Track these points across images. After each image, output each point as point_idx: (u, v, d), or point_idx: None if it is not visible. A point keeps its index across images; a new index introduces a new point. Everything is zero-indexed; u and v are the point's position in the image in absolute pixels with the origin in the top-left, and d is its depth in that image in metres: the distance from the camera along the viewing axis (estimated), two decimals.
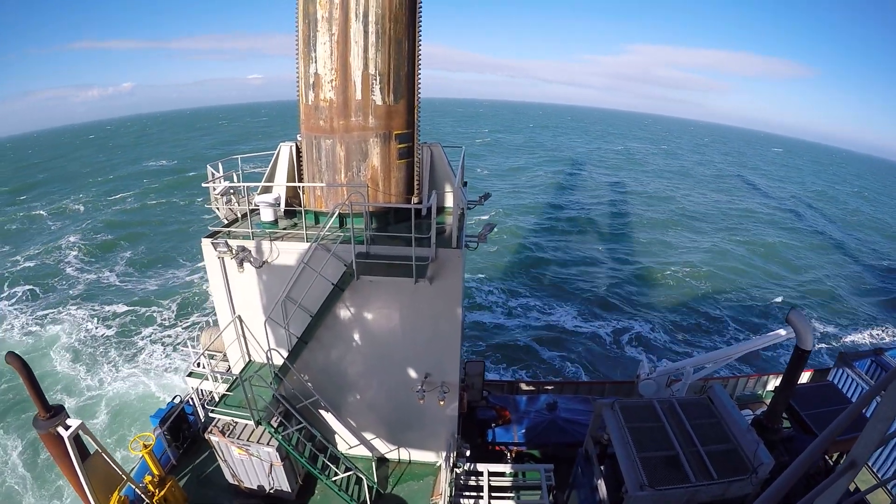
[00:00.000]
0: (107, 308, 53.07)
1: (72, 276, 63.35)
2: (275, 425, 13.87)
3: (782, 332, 18.98)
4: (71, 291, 57.82)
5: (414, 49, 13.84)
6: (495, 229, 14.58)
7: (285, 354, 13.91)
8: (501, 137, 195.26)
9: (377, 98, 13.44)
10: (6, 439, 34.85)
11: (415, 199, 14.89)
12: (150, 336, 47.06)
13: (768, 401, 20.96)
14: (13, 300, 57.58)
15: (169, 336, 46.30)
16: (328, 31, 12.87)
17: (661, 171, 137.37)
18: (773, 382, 23.85)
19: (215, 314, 15.93)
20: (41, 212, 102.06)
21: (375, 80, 13.27)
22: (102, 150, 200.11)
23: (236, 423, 15.08)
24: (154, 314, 50.99)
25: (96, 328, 49.79)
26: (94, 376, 41.94)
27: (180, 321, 48.61)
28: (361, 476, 15.60)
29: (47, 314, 52.86)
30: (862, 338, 46.48)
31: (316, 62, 13.32)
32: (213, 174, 14.92)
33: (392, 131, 13.91)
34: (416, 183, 15.04)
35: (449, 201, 15.89)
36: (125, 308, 52.64)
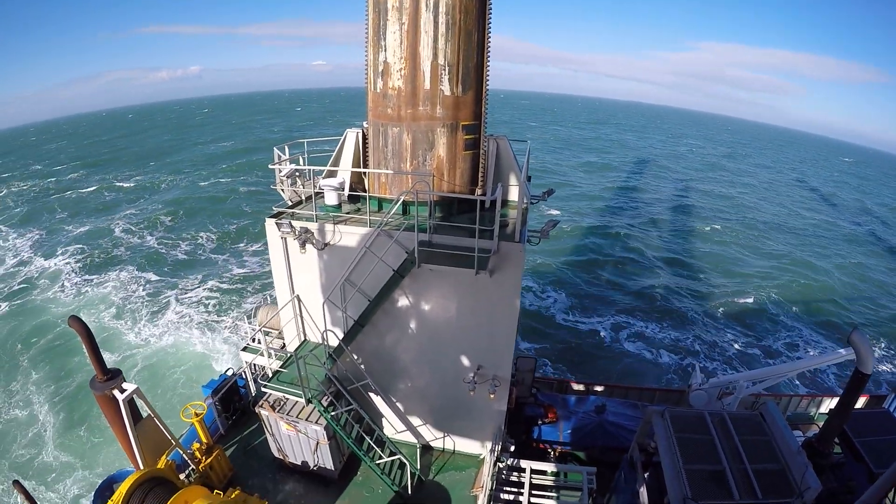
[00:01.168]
0: (164, 279, 55.81)
1: (132, 245, 67.00)
2: (325, 405, 14.09)
3: (842, 352, 18.14)
4: (127, 260, 61.23)
5: (483, 40, 13.70)
6: (557, 226, 14.36)
7: (340, 336, 14.11)
8: (563, 132, 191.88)
9: (445, 88, 13.38)
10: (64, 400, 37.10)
11: (478, 191, 14.80)
12: (204, 308, 48.92)
13: (821, 423, 20.17)
14: (76, 265, 61.68)
15: (223, 310, 47.96)
16: (398, 21, 12.87)
17: (728, 174, 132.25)
18: (828, 404, 22.86)
19: (273, 292, 16.29)
20: (108, 185, 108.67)
21: (444, 70, 13.20)
22: (170, 131, 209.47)
23: (287, 399, 15.43)
24: (213, 288, 52.99)
25: (149, 294, 52.61)
26: (145, 340, 44.30)
27: (237, 297, 50.23)
28: (405, 461, 15.73)
29: (103, 280, 56.19)
30: None
31: (385, 51, 13.34)
32: (279, 156, 15.20)
33: (459, 122, 13.84)
34: (480, 175, 14.96)
35: (512, 195, 15.77)
36: (184, 280, 55.18)
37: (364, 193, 14.50)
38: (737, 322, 47.05)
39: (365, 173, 15.08)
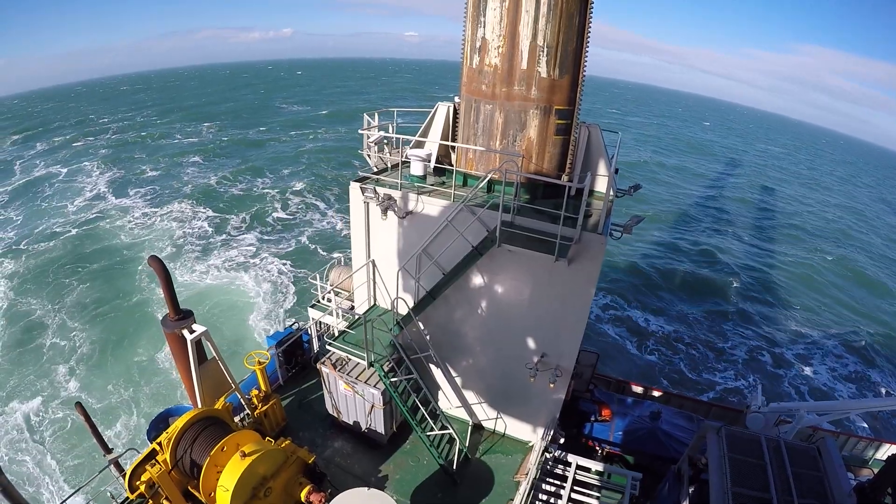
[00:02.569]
0: (224, 223, 60.74)
1: (207, 191, 72.27)
2: (385, 370, 14.29)
3: None
4: (198, 202, 67.05)
5: (584, 25, 13.27)
6: (642, 223, 14.02)
7: (410, 305, 14.23)
8: (652, 125, 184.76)
9: (542, 70, 13.12)
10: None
11: (564, 177, 14.53)
12: (272, 259, 51.15)
13: (876, 469, 19.16)
14: (145, 202, 69.98)
15: (292, 265, 50.15)
16: None
17: (826, 191, 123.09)
18: (887, 451, 21.58)
19: (344, 254, 16.55)
20: (192, 136, 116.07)
21: (542, 51, 12.93)
22: (259, 89, 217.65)
23: (349, 359, 15.74)
24: (284, 241, 55.73)
25: (219, 237, 56.71)
26: (199, 279, 46.73)
27: (308, 255, 52.35)
28: (454, 437, 15.82)
29: (174, 218, 61.71)
30: None
31: (484, 27, 13.19)
32: (368, 122, 15.31)
33: (553, 105, 13.56)
34: (568, 162, 14.66)
35: (599, 185, 15.41)
36: (258, 231, 58.74)
37: (450, 167, 14.44)
38: (811, 347, 44.95)
39: (453, 147, 15.02)
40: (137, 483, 12.35)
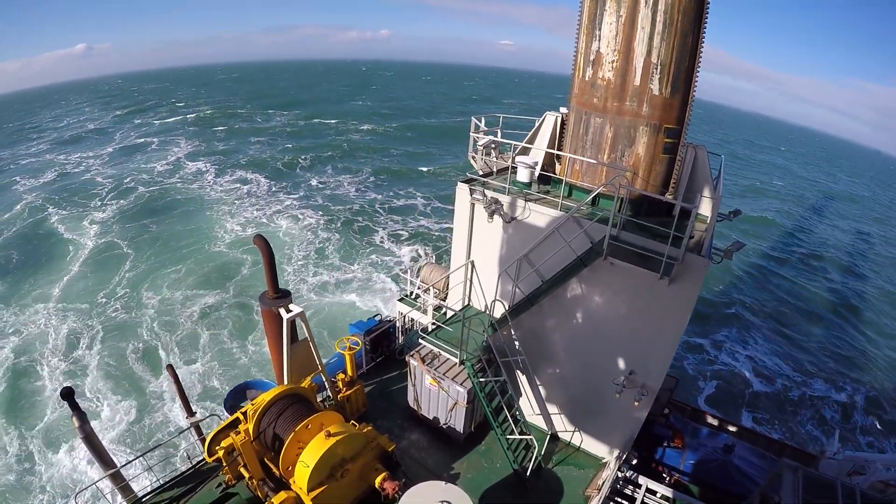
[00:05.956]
0: (334, 214, 63.36)
1: (284, 171, 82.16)
2: (476, 369, 14.58)
3: None
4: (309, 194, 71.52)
5: (697, 44, 13.18)
6: (743, 248, 13.83)
7: (506, 308, 14.48)
8: (749, 153, 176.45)
9: (654, 87, 13.14)
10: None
11: (668, 196, 14.49)
12: (366, 250, 53.79)
13: None
14: (216, 171, 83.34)
15: (384, 257, 52.15)
16: (616, 12, 12.81)
17: None
18: None
19: (435, 252, 16.93)
20: (279, 120, 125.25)
21: (656, 69, 12.96)
22: (358, 87, 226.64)
23: (438, 355, 16.11)
24: (380, 233, 58.31)
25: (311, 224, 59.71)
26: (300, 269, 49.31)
27: (400, 248, 54.22)
28: (531, 444, 15.95)
29: (282, 208, 65.88)
30: None
31: (599, 40, 13.33)
32: (476, 125, 15.67)
33: (663, 124, 13.55)
34: (672, 181, 14.60)
35: (702, 207, 15.26)
36: (346, 217, 62.48)
37: (554, 176, 14.62)
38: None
39: (558, 157, 15.19)
40: (217, 448, 13.10)
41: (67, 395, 13.48)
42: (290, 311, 15.10)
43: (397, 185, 75.86)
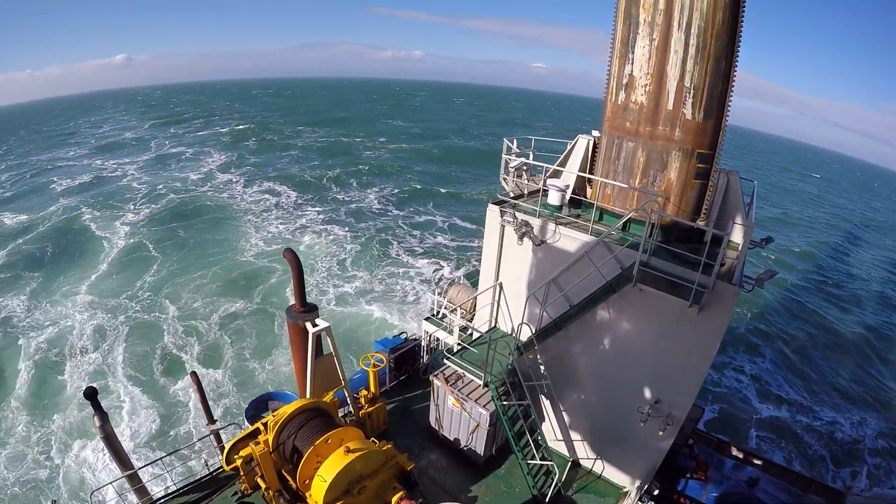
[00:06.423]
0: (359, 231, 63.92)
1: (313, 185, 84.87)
2: (500, 392, 14.45)
3: None
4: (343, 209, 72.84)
5: (730, 69, 13.02)
6: (775, 276, 13.60)
7: (532, 332, 14.36)
8: (778, 179, 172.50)
9: (687, 112, 13.00)
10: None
11: (700, 223, 14.28)
12: (393, 266, 53.94)
13: None
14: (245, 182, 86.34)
15: (411, 275, 52.19)
16: (648, 36, 12.73)
17: None
18: None
19: (462, 273, 16.90)
20: (308, 136, 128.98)
21: (689, 93, 12.83)
22: (391, 106, 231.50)
23: (462, 376, 16.02)
24: (396, 247, 58.93)
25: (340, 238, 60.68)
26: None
27: (428, 267, 54.19)
28: (552, 470, 15.70)
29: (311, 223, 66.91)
30: None
31: (632, 64, 13.25)
32: (508, 147, 15.68)
33: (695, 149, 13.37)
34: (704, 206, 14.39)
35: (734, 234, 15.02)
36: (370, 232, 63.22)
37: (585, 200, 14.53)
38: None
39: (590, 181, 15.11)
40: (235, 457, 13.15)
41: (91, 394, 13.70)
42: (317, 325, 15.15)
43: (420, 202, 76.80)
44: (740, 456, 21.69)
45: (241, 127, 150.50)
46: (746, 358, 46.04)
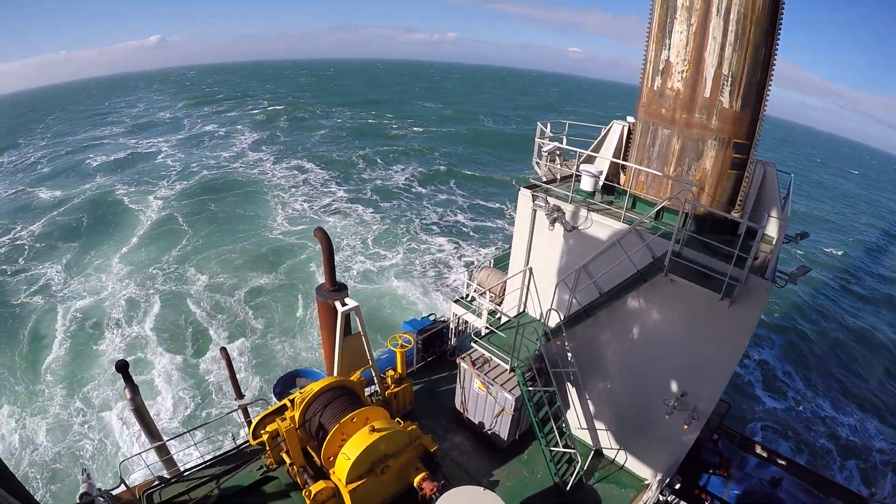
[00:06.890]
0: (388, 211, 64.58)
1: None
2: (526, 377, 14.47)
3: None
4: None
5: (769, 57, 12.57)
6: (809, 273, 13.33)
7: (561, 318, 14.32)
8: (816, 175, 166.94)
9: (724, 100, 12.68)
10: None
11: (734, 214, 14.02)
12: (415, 243, 54.90)
13: None
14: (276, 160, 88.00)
15: (439, 258, 52.64)
16: (686, 21, 12.40)
17: None
18: None
19: (491, 256, 16.85)
20: (336, 117, 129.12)
21: (727, 80, 12.49)
22: (424, 88, 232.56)
23: (489, 360, 16.05)
24: (427, 229, 59.23)
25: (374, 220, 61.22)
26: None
27: (459, 251, 54.60)
28: (575, 458, 15.71)
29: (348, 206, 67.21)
30: None
31: (669, 49, 12.95)
32: (541, 131, 15.53)
33: (731, 138, 13.04)
34: (739, 198, 14.11)
35: (769, 227, 14.71)
36: (395, 213, 64.17)
37: (618, 186, 14.35)
38: None
39: (623, 168, 14.91)
40: (262, 432, 13.43)
41: (122, 367, 14.09)
42: (346, 304, 15.26)
43: (446, 183, 77.17)
44: (764, 454, 21.43)
45: (273, 107, 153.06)
46: (771, 353, 45.25)
